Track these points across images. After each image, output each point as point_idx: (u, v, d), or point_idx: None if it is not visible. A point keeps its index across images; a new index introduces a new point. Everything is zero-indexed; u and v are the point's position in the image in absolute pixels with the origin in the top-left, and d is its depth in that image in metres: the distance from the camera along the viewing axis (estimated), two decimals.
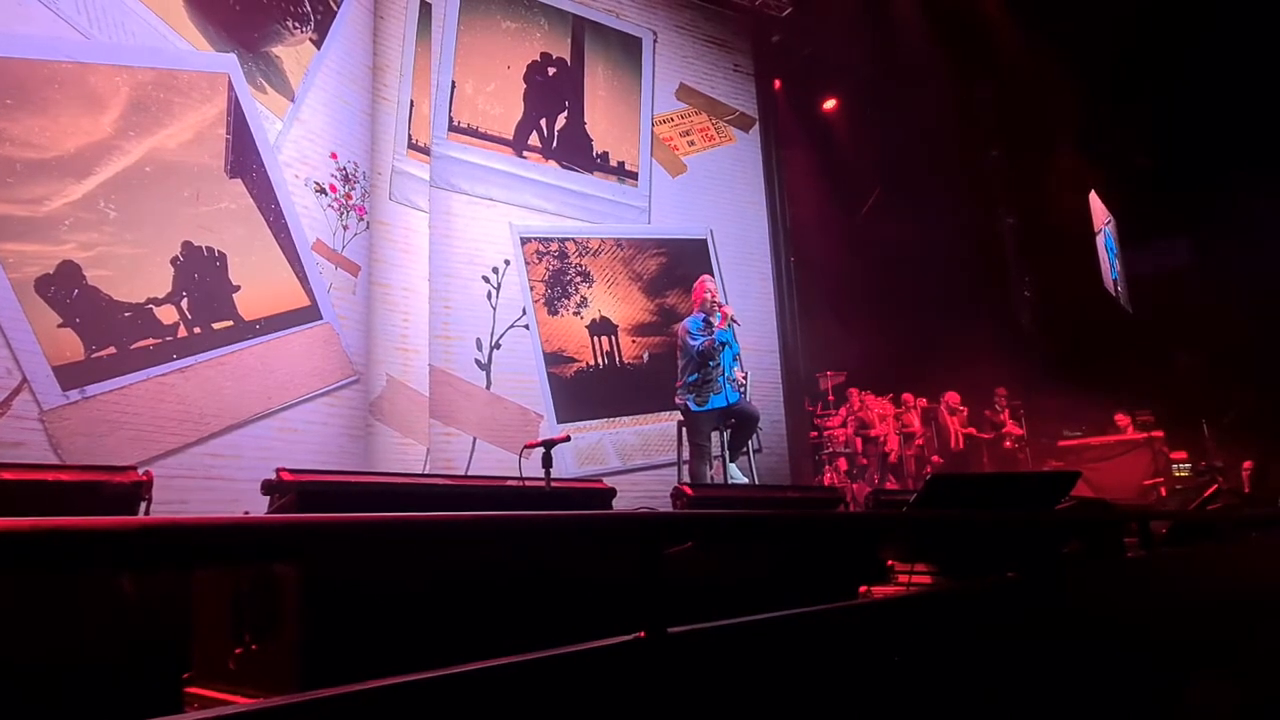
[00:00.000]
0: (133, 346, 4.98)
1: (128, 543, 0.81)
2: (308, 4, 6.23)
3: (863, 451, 9.28)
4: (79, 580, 1.68)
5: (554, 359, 7.64)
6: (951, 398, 9.94)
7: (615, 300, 8.18)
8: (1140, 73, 11.35)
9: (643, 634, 1.46)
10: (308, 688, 1.24)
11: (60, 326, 4.71)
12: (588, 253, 8.07)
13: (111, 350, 4.89)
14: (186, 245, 5.31)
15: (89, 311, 4.84)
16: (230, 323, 5.47)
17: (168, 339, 5.14)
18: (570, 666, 1.32)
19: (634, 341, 8.19)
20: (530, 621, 1.62)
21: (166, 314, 5.18)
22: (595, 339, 7.98)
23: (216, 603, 1.56)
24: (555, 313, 7.76)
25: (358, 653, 1.38)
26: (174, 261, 5.25)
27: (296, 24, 6.15)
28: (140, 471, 1.91)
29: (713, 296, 6.01)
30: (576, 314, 7.89)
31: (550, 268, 7.83)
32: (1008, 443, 10.05)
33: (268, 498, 2.20)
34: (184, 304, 5.26)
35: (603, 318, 8.06)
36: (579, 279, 7.97)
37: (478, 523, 1.31)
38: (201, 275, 5.38)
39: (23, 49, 4.76)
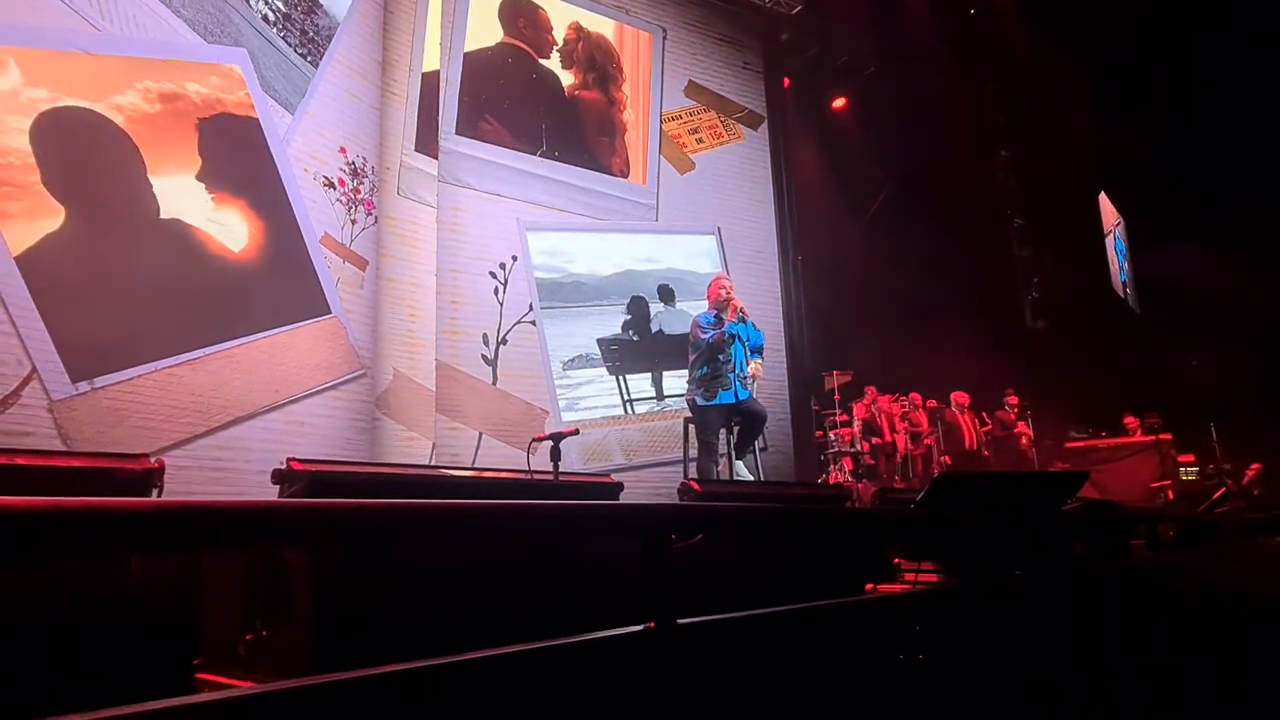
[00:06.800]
0: (138, 338, 4.98)
1: (158, 524, 0.81)
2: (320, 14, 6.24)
3: (869, 451, 9.26)
4: (87, 564, 1.68)
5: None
6: (960, 397, 9.90)
7: None
8: (1152, 73, 11.30)
9: (652, 624, 1.46)
10: (319, 674, 1.24)
11: (66, 317, 4.71)
12: None
13: (117, 342, 4.89)
14: (191, 236, 5.32)
15: (94, 302, 4.84)
16: (236, 315, 5.47)
17: (174, 331, 5.14)
18: (581, 654, 1.32)
19: None
20: (540, 610, 1.62)
21: (171, 306, 5.17)
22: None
23: (227, 589, 1.57)
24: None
25: (369, 639, 1.38)
26: (178, 253, 5.25)
27: (313, 28, 6.16)
28: (152, 459, 1.92)
29: (726, 293, 6.04)
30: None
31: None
32: (1023, 441, 10.03)
33: (276, 488, 2.20)
34: (189, 296, 5.26)
35: None
36: None
37: (491, 510, 1.31)
38: (206, 267, 5.38)
39: (34, 40, 4.77)
